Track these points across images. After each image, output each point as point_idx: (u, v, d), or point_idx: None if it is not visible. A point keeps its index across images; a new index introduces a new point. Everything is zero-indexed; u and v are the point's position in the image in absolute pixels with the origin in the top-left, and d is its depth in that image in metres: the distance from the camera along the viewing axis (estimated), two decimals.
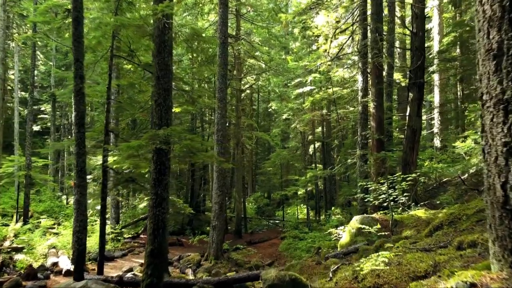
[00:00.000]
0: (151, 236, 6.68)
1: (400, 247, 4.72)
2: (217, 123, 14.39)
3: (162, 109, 6.93)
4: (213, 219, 14.17)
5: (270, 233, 22.81)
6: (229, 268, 13.74)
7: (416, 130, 12.08)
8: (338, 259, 7.46)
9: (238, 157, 21.30)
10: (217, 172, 14.22)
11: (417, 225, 7.64)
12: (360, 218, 8.58)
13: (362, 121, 13.11)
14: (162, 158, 6.79)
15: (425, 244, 4.56)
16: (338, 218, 17.43)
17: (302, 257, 15.34)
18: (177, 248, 16.87)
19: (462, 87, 22.79)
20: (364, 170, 12.58)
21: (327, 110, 23.34)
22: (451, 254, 3.38)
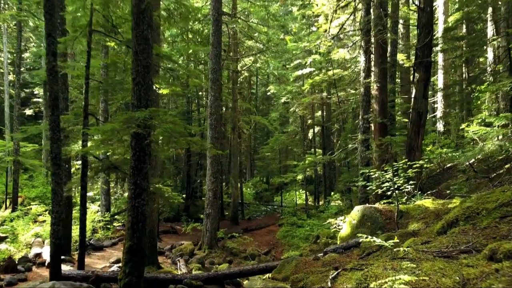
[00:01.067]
0: (130, 230, 5.99)
1: (411, 249, 4.01)
2: (211, 106, 13.62)
3: (141, 88, 6.15)
4: (207, 207, 13.54)
5: (267, 220, 22.26)
6: (224, 257, 13.16)
7: (422, 113, 11.31)
8: (338, 254, 6.80)
9: (235, 142, 20.56)
10: (211, 158, 13.51)
11: (424, 217, 6.96)
12: (362, 208, 7.89)
13: (364, 103, 12.32)
14: (142, 144, 6.04)
15: (441, 246, 3.85)
16: (338, 205, 16.82)
17: (300, 246, 14.77)
18: (170, 236, 16.29)
19: (467, 69, 21.91)
20: (366, 156, 11.85)
21: (327, 93, 22.47)
22: (483, 267, 2.68)
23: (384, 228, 7.36)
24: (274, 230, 19.06)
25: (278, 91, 28.31)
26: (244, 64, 23.99)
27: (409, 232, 5.99)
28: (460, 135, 19.88)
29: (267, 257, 14.00)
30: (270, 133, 38.37)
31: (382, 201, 8.77)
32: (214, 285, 7.55)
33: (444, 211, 6.81)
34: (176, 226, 18.48)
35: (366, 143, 12.07)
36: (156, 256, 10.78)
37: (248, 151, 37.69)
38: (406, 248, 4.35)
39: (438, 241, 4.18)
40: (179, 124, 6.05)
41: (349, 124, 21.35)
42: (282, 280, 6.28)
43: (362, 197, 11.75)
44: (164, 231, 17.19)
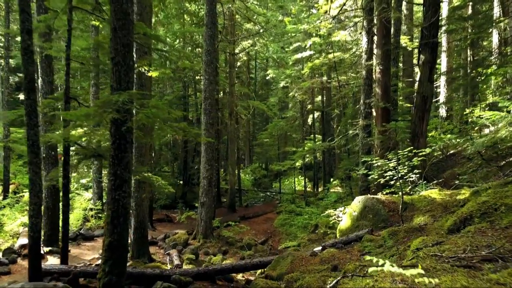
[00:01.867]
0: (110, 225, 5.47)
1: (421, 253, 3.48)
2: (205, 90, 12.99)
3: (121, 69, 5.54)
4: (202, 196, 13.04)
5: (265, 207, 21.84)
6: (219, 247, 12.73)
7: (427, 98, 10.71)
8: (337, 250, 6.30)
9: (232, 128, 19.96)
10: (206, 144, 12.95)
11: (431, 210, 6.43)
12: (363, 199, 7.37)
13: (365, 87, 11.70)
14: (122, 130, 5.48)
15: (457, 249, 3.32)
16: (337, 192, 16.34)
17: (298, 236, 14.36)
18: (165, 225, 15.86)
19: (472, 52, 21.16)
20: (367, 143, 11.30)
21: (327, 77, 21.77)
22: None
23: (387, 221, 6.85)
24: (272, 218, 18.63)
25: (277, 75, 27.57)
26: (242, 48, 23.21)
27: (415, 227, 5.47)
28: (464, 120, 19.31)
29: (264, 247, 13.58)
30: (269, 119, 37.73)
31: (385, 191, 8.26)
32: (205, 281, 7.09)
33: (453, 203, 6.29)
34: (171, 214, 18.05)
35: (367, 129, 11.49)
36: (147, 247, 10.33)
37: (246, 137, 37.13)
38: (416, 249, 3.82)
39: (453, 243, 3.64)
40: (162, 109, 5.47)
41: (350, 109, 20.73)
42: (277, 278, 5.80)
43: (363, 185, 11.24)
44: (158, 220, 16.76)
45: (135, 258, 9.92)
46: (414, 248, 3.83)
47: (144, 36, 8.24)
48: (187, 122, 25.66)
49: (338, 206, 14.48)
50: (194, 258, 11.25)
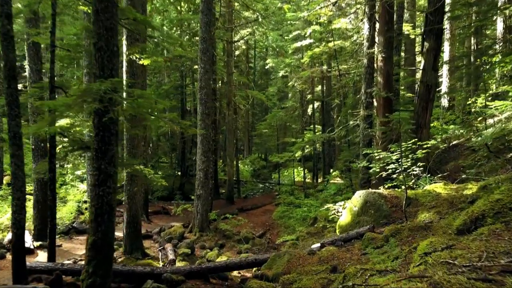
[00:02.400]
0: (93, 223, 5.11)
1: (430, 259, 3.12)
2: (200, 79, 12.55)
3: (104, 55, 5.13)
4: (198, 188, 12.70)
5: (264, 198, 21.54)
6: (216, 241, 12.43)
7: (431, 87, 10.29)
8: (337, 248, 5.96)
9: (230, 118, 19.55)
10: (201, 135, 12.56)
11: (436, 205, 6.07)
12: (364, 194, 7.01)
13: (367, 76, 11.26)
14: (106, 122, 5.09)
15: (471, 256, 2.95)
16: (337, 184, 16.01)
17: (296, 229, 14.06)
18: (161, 217, 15.54)
19: (477, 40, 20.63)
20: (368, 134, 10.90)
21: (327, 66, 21.27)
22: None
23: (389, 217, 6.50)
24: (271, 210, 18.33)
25: (276, 64, 27.05)
26: (240, 36, 22.65)
27: (421, 225, 5.11)
28: (467, 110, 18.90)
29: (262, 240, 13.28)
30: (268, 109, 37.30)
31: (386, 185, 7.89)
32: (198, 279, 6.76)
33: (460, 199, 5.93)
34: (168, 206, 17.73)
35: (368, 119, 11.09)
36: (140, 241, 10.02)
37: (246, 127, 36.69)
38: (423, 253, 3.46)
39: (465, 247, 3.27)
40: (148, 98, 5.06)
41: (350, 99, 20.29)
42: (272, 279, 5.46)
43: (364, 178, 10.88)
44: (154, 212, 16.45)
45: (128, 254, 9.62)
46: (422, 253, 3.46)
47: (134, 22, 7.78)
48: (184, 112, 25.30)
49: (337, 198, 14.16)
50: (189, 253, 10.95)
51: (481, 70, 17.58)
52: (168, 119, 5.51)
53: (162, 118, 5.28)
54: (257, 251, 12.12)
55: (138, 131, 9.21)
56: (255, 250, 12.13)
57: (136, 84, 9.57)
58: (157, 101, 5.12)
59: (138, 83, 9.65)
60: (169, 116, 5.56)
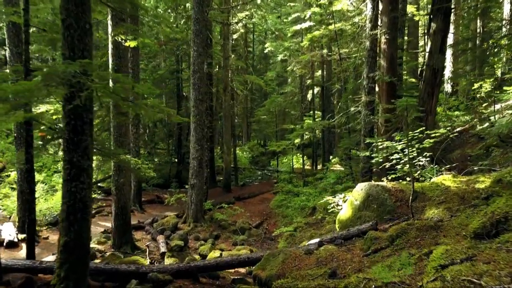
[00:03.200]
0: (65, 222, 4.59)
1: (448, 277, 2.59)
2: (193, 63, 11.91)
3: (74, 33, 4.52)
4: (192, 177, 12.19)
5: (262, 186, 21.08)
6: (210, 232, 11.98)
7: (438, 71, 9.69)
8: (336, 247, 5.45)
9: (227, 104, 18.92)
10: (195, 123, 11.99)
11: (446, 200, 5.55)
12: (366, 187, 6.48)
13: (369, 59, 10.59)
14: (78, 109, 4.52)
15: (500, 274, 2.43)
16: (337, 172, 15.50)
17: (294, 218, 13.61)
18: (155, 207, 15.07)
19: (482, 23, 19.86)
20: (370, 121, 10.31)
21: (327, 50, 20.52)
22: None
23: (393, 212, 5.98)
24: (269, 198, 17.88)
25: (275, 48, 26.25)
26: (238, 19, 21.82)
27: (430, 224, 4.59)
28: (471, 96, 18.31)
29: (259, 231, 12.84)
30: (268, 95, 36.57)
31: (390, 176, 7.36)
32: (187, 278, 6.29)
33: (472, 194, 5.40)
34: (163, 195, 17.26)
35: (370, 105, 10.49)
36: (130, 234, 9.54)
37: (244, 113, 36.08)
38: (439, 266, 2.93)
39: (489, 258, 2.75)
40: (124, 82, 4.48)
41: (351, 84, 19.62)
42: (265, 282, 4.97)
43: (365, 167, 10.34)
44: (148, 201, 15.98)
45: (117, 247, 9.17)
46: (437, 264, 2.94)
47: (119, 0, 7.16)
48: (179, 98, 24.63)
49: (337, 188, 13.67)
50: (182, 245, 10.50)
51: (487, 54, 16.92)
52: (151, 106, 4.94)
53: (143, 105, 4.72)
54: (253, 243, 11.69)
55: (125, 118, 8.64)
56: (251, 242, 11.70)
57: (122, 68, 8.96)
58: (135, 86, 4.54)
59: (124, 66, 9.04)
60: (152, 102, 5.00)
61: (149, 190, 19.35)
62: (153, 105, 4.98)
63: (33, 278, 5.85)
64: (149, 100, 5.11)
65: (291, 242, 10.55)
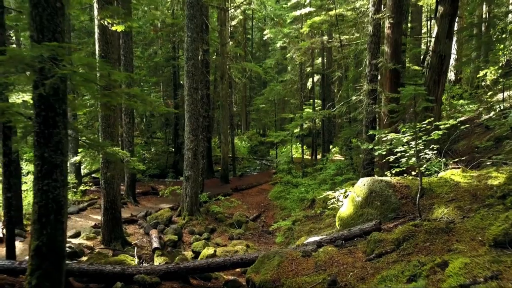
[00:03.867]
0: (36, 225, 4.14)
1: None
2: (187, 49, 11.35)
3: (43, 13, 4.01)
4: (186, 169, 11.74)
5: (260, 177, 20.66)
6: (206, 225, 11.59)
7: (444, 57, 9.14)
8: (337, 248, 5.02)
9: (224, 93, 18.38)
10: (189, 112, 11.49)
11: (456, 198, 5.09)
12: (369, 182, 6.02)
13: (372, 45, 10.05)
14: (50, 99, 4.03)
15: None
16: (336, 163, 15.06)
17: (293, 210, 13.21)
18: (150, 199, 14.66)
19: (489, 8, 19.20)
20: (372, 110, 9.82)
21: (328, 37, 19.89)
22: None
23: (398, 210, 5.54)
24: (267, 189, 17.49)
25: (274, 34, 25.54)
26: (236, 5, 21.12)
27: (441, 226, 4.15)
28: (475, 84, 17.80)
29: (256, 224, 12.46)
30: (267, 82, 35.94)
31: (394, 170, 6.89)
32: (176, 280, 5.88)
33: (484, 191, 4.95)
34: (159, 186, 16.85)
35: (373, 94, 9.98)
36: (120, 229, 9.12)
37: (243, 102, 35.53)
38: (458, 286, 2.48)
39: None
40: (95, 67, 3.98)
41: (352, 72, 19.05)
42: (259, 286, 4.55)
43: (367, 159, 9.88)
44: (143, 193, 15.57)
45: (107, 243, 8.76)
46: (457, 284, 2.48)
47: None
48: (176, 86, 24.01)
49: (337, 179, 13.24)
50: (176, 240, 10.13)
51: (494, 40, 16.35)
52: (132, 95, 4.44)
53: (122, 95, 4.22)
54: (250, 237, 11.31)
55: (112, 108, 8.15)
56: (247, 236, 11.32)
57: (110, 54, 8.43)
58: (111, 73, 4.04)
59: (112, 52, 8.50)
60: (132, 91, 4.48)
61: (145, 181, 18.94)
62: (136, 95, 4.48)
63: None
64: (132, 89, 4.61)
65: (289, 237, 10.16)
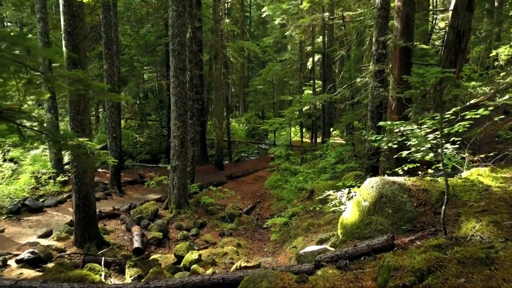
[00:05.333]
0: None
1: None
2: (172, 25, 10.16)
3: None
4: (173, 158, 10.74)
5: (257, 162, 19.71)
6: (195, 219, 10.65)
7: (463, 33, 7.99)
8: (339, 271, 4.03)
9: (218, 73, 17.19)
10: (176, 95, 10.39)
11: (489, 209, 4.07)
12: (378, 183, 4.99)
13: (380, 20, 8.84)
14: None
15: None
16: (337, 150, 14.02)
17: (290, 203, 12.27)
18: (137, 188, 13.69)
19: None
20: (379, 94, 8.71)
21: (329, 13, 18.52)
22: None
23: (415, 221, 4.52)
24: (263, 176, 16.55)
25: (272, 11, 24.10)
26: None
27: (477, 256, 3.13)
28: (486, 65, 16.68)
29: (250, 217, 11.55)
30: (267, 62, 34.56)
31: (406, 166, 5.85)
32: None
33: None
34: (148, 173, 15.89)
35: (380, 76, 8.85)
36: (95, 228, 8.15)
37: (241, 82, 34.29)
38: None
39: None
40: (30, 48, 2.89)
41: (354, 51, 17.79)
42: None
43: (372, 148, 8.83)
44: (130, 182, 14.61)
45: (80, 244, 7.82)
46: None
47: None
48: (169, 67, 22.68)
49: (338, 168, 12.24)
50: (160, 237, 9.23)
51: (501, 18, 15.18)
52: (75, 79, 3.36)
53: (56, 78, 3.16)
54: (243, 232, 10.38)
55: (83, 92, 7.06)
56: (240, 231, 10.40)
57: (78, 29, 7.28)
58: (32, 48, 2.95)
59: (81, 27, 7.34)
60: (75, 75, 3.41)
61: (136, 167, 17.95)
62: (81, 79, 3.40)
63: None
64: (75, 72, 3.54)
65: (284, 234, 9.23)
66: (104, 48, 11.89)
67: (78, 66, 7.31)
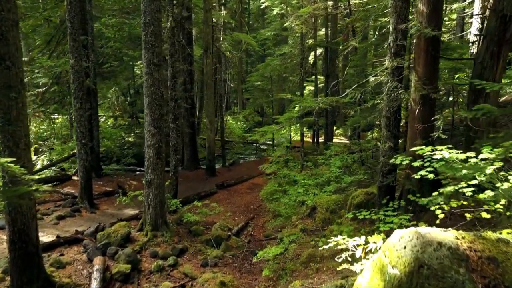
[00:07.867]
0: None
1: None
2: (144, 12, 8.39)
3: None
4: (148, 172, 9.02)
5: (254, 167, 17.91)
6: (174, 244, 8.94)
7: (510, 18, 6.20)
8: None
9: (208, 68, 15.40)
10: (149, 96, 8.64)
11: None
12: (414, 244, 3.22)
13: (398, 3, 7.01)
14: None
15: None
16: (342, 157, 12.27)
17: (288, 217, 10.57)
18: (113, 201, 11.90)
19: None
20: (397, 97, 6.94)
21: (333, 2, 16.69)
22: None
23: None
24: (259, 184, 14.83)
25: (271, 1, 22.27)
26: None
27: None
28: None
29: (241, 240, 9.85)
30: (266, 56, 32.70)
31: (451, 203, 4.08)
32: None
33: None
34: (130, 182, 14.16)
35: (398, 73, 7.06)
36: (37, 267, 6.43)
37: (239, 78, 32.52)
38: None
39: None
40: None
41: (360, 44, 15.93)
42: None
43: (386, 163, 7.05)
44: (106, 193, 12.91)
45: None
46: None
47: None
48: None
49: (344, 181, 10.52)
50: (128, 272, 7.56)
51: None
52: None
53: None
54: (231, 261, 8.67)
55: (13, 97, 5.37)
56: (227, 259, 8.68)
57: (3, 13, 5.53)
58: None
59: (13, 12, 5.60)
60: None
61: (120, 173, 16.24)
62: None
63: None
64: None
65: (279, 269, 7.52)
66: (70, 40, 10.13)
67: (7, 62, 5.58)
